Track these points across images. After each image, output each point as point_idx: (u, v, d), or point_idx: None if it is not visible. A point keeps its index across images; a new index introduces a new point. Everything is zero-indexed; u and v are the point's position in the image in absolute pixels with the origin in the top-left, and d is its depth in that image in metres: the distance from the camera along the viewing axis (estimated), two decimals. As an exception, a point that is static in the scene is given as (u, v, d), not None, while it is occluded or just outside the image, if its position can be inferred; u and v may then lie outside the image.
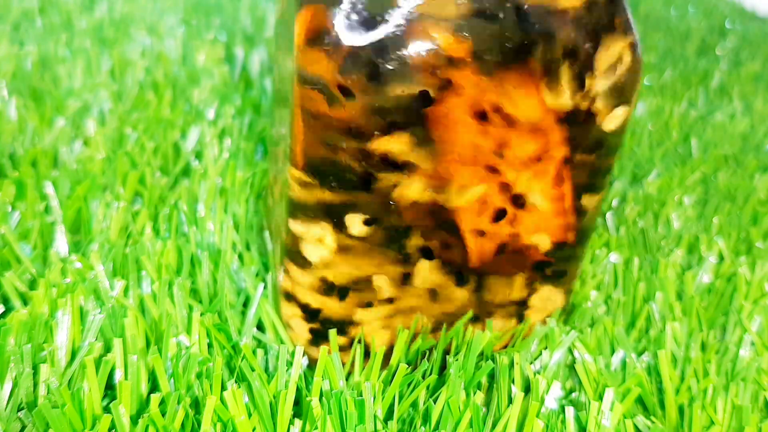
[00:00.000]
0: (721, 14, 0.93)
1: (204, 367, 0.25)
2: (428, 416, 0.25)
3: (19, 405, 0.24)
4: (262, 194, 0.38)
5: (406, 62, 0.21)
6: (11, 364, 0.24)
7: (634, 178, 0.47)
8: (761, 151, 0.53)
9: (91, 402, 0.24)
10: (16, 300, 0.29)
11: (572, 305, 0.32)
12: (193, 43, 0.60)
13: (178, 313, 0.28)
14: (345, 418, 0.23)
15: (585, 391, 0.27)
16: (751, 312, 0.32)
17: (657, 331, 0.31)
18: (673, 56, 0.74)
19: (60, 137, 0.41)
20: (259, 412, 0.24)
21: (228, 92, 0.51)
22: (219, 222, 0.34)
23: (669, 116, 0.57)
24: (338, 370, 0.25)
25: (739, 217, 0.42)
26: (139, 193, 0.37)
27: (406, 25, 0.21)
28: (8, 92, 0.47)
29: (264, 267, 0.33)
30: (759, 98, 0.64)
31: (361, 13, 0.21)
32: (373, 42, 0.21)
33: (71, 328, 0.26)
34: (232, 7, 0.73)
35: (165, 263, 0.31)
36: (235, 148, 0.43)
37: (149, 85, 0.51)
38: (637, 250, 0.38)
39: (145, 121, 0.44)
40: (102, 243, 0.32)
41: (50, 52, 0.55)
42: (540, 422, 0.24)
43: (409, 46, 0.21)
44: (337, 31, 0.21)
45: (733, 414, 0.26)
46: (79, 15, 0.65)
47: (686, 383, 0.28)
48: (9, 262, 0.31)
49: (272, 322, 0.29)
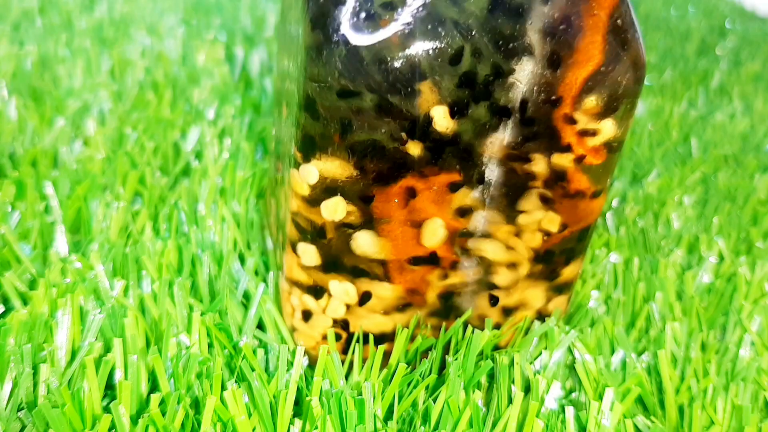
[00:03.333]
0: (721, 14, 0.93)
1: (204, 367, 0.25)
2: (428, 416, 0.25)
3: (19, 405, 0.24)
4: (262, 194, 0.38)
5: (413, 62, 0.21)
6: (11, 364, 0.24)
7: (634, 178, 0.47)
8: (761, 151, 0.53)
9: (91, 402, 0.24)
10: (16, 300, 0.29)
11: (572, 305, 0.32)
12: (193, 43, 0.60)
13: (178, 313, 0.28)
14: (345, 417, 0.23)
15: (585, 391, 0.27)
16: (751, 312, 0.32)
17: (657, 331, 0.31)
18: (673, 56, 0.74)
19: (60, 137, 0.41)
20: (259, 412, 0.24)
21: (228, 92, 0.51)
22: (219, 221, 0.34)
23: (669, 116, 0.57)
24: (338, 370, 0.25)
25: (739, 217, 0.42)
26: (139, 193, 0.37)
27: (414, 24, 0.21)
28: (8, 92, 0.47)
29: (264, 266, 0.33)
30: (759, 98, 0.64)
31: (368, 12, 0.21)
32: (380, 41, 0.21)
33: (71, 328, 0.26)
34: (232, 7, 0.73)
35: (165, 263, 0.31)
36: (235, 148, 0.43)
37: (149, 85, 0.51)
38: (637, 250, 0.38)
39: (145, 121, 0.44)
40: (102, 243, 0.32)
41: (50, 52, 0.55)
42: (540, 422, 0.24)
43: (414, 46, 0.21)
44: (344, 31, 0.21)
45: (733, 414, 0.26)
46: (79, 15, 0.65)
47: (686, 383, 0.28)
48: (9, 262, 0.31)
49: (273, 320, 0.29)
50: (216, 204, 0.36)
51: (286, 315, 0.28)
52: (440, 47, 0.21)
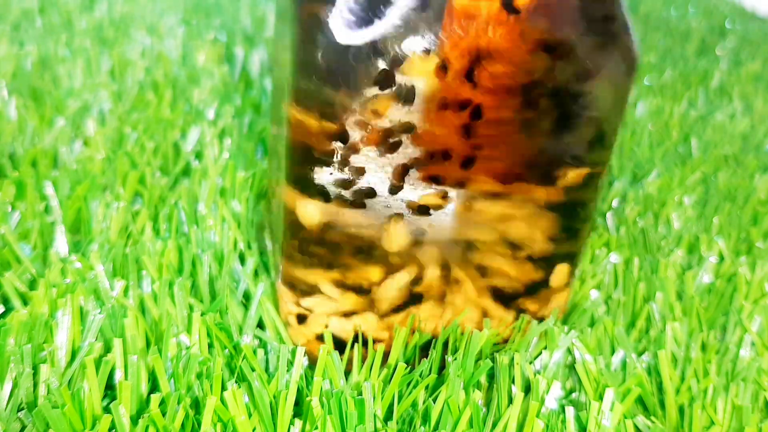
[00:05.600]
0: (721, 14, 0.93)
1: (204, 367, 0.25)
2: (428, 416, 0.25)
3: (19, 405, 0.24)
4: (262, 194, 0.38)
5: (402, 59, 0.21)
6: (11, 364, 0.24)
7: (634, 178, 0.47)
8: (761, 151, 0.53)
9: (91, 402, 0.24)
10: (16, 300, 0.29)
11: (572, 305, 0.32)
12: (193, 43, 0.60)
13: (178, 313, 0.28)
14: (345, 417, 0.23)
15: (585, 391, 0.27)
16: (751, 312, 0.32)
17: (657, 331, 0.31)
18: (673, 56, 0.74)
19: (60, 137, 0.41)
20: (259, 412, 0.24)
21: (228, 92, 0.51)
22: (220, 221, 0.34)
23: (669, 116, 0.57)
24: (338, 370, 0.25)
25: (739, 217, 0.42)
26: (139, 193, 0.37)
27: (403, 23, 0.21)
28: (8, 92, 0.47)
29: (264, 266, 0.32)
30: (759, 98, 0.64)
31: (356, 11, 0.21)
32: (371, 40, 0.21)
33: (71, 328, 0.26)
34: (232, 7, 0.73)
35: (165, 263, 0.31)
36: (235, 148, 0.43)
37: (149, 85, 0.51)
38: (637, 250, 0.38)
39: (145, 121, 0.44)
40: (102, 243, 0.32)
41: (50, 52, 0.55)
42: (540, 422, 0.24)
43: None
44: (333, 29, 0.21)
45: (733, 414, 0.26)
46: (79, 15, 0.65)
47: (686, 383, 0.28)
48: (9, 262, 0.31)
49: (273, 320, 0.29)
50: (216, 204, 0.36)
51: (283, 315, 0.28)
52: (428, 46, 0.21)
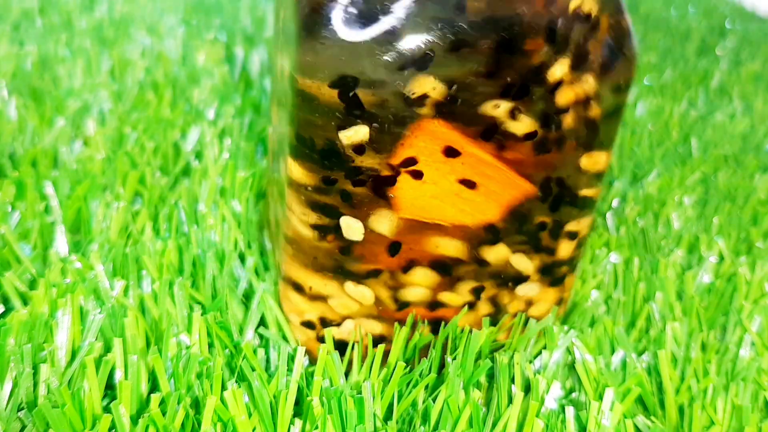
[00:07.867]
0: (721, 14, 0.93)
1: (204, 366, 0.25)
2: (427, 415, 0.25)
3: (19, 405, 0.24)
4: (262, 194, 0.38)
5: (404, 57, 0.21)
6: (11, 364, 0.24)
7: (634, 178, 0.47)
8: (761, 151, 0.53)
9: (91, 402, 0.24)
10: (16, 300, 0.29)
11: (572, 305, 0.32)
12: (193, 43, 0.60)
13: (178, 313, 0.28)
14: (345, 417, 0.23)
15: (585, 391, 0.27)
16: (751, 312, 0.32)
17: (657, 331, 0.31)
18: (673, 56, 0.74)
19: (60, 137, 0.41)
20: (259, 412, 0.24)
21: (228, 92, 0.51)
22: (220, 221, 0.34)
23: (669, 116, 0.57)
24: (338, 369, 0.25)
25: (739, 217, 0.42)
26: (139, 193, 0.37)
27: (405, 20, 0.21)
28: (8, 92, 0.47)
29: (264, 266, 0.33)
30: (759, 98, 0.64)
31: (359, 7, 0.21)
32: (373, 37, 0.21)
33: (71, 328, 0.26)
34: (232, 7, 0.73)
35: (165, 263, 0.31)
36: (235, 148, 0.43)
37: (149, 85, 0.51)
38: (637, 250, 0.38)
39: (145, 121, 0.44)
40: (102, 243, 0.32)
41: (50, 52, 0.55)
42: (540, 422, 0.24)
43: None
44: (335, 26, 0.21)
45: (733, 414, 0.26)
46: (79, 15, 0.65)
47: (686, 383, 0.28)
48: (9, 262, 0.31)
49: (275, 319, 0.29)
50: (216, 204, 0.36)
51: (285, 313, 0.28)
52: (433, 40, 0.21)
